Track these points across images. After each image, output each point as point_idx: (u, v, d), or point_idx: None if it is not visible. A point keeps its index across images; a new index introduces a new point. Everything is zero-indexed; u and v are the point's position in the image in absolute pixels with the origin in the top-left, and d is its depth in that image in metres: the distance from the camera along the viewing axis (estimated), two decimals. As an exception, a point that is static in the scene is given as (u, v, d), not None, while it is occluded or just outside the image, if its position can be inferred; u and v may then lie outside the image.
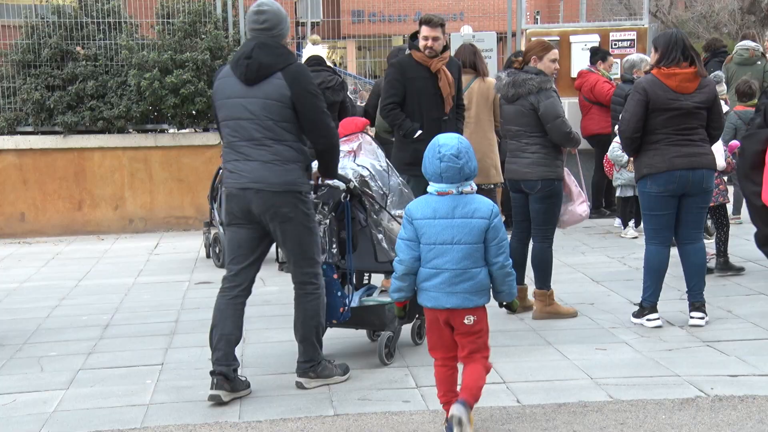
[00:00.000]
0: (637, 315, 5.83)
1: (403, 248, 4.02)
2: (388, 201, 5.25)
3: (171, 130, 10.79)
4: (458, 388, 4.07)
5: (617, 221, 9.65)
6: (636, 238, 8.88)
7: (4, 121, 10.44)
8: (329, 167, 4.77)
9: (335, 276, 5.07)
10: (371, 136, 5.57)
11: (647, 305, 5.75)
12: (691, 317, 5.75)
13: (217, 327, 4.66)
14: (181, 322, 6.30)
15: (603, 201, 10.58)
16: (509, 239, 4.81)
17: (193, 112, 10.41)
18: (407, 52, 6.78)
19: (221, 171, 7.60)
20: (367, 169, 5.23)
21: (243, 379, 4.74)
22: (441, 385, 4.12)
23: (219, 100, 4.68)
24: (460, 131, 6.59)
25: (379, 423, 4.27)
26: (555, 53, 5.99)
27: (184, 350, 5.59)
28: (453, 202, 3.95)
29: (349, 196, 5.06)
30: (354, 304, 5.23)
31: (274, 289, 7.26)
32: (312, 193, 4.81)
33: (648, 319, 5.73)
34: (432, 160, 3.96)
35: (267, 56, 4.53)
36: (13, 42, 10.69)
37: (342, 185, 5.02)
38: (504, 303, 4.10)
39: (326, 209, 5.05)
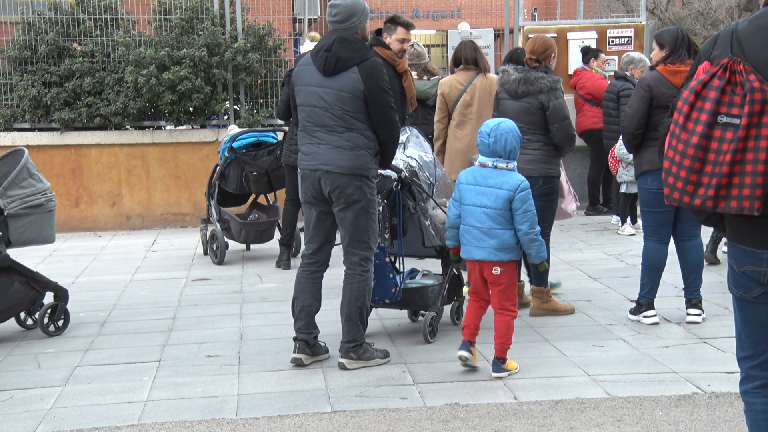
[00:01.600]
0: (634, 312, 5.84)
1: (450, 206, 4.94)
2: (435, 190, 5.53)
3: (168, 127, 10.77)
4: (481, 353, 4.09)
5: (614, 218, 9.67)
6: (633, 235, 8.89)
7: (0, 118, 10.41)
8: (388, 158, 5.07)
9: (387, 259, 5.43)
10: (418, 130, 5.83)
11: (644, 302, 5.76)
12: (688, 314, 5.76)
13: (298, 299, 5.10)
14: (179, 319, 6.30)
15: (600, 198, 10.59)
16: None
17: (191, 108, 10.39)
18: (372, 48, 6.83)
19: (283, 153, 7.66)
20: (416, 160, 5.49)
21: (322, 344, 5.17)
22: (468, 315, 4.91)
23: (297, 86, 5.04)
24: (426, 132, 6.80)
25: (377, 420, 4.27)
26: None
27: (181, 347, 5.58)
28: (488, 173, 4.79)
29: (400, 185, 5.38)
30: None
31: (271, 286, 7.26)
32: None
33: (645, 316, 5.73)
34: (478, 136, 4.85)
35: (345, 51, 4.85)
36: (10, 38, 10.66)
37: (394, 175, 5.33)
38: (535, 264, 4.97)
39: (379, 197, 5.36)
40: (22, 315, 6.03)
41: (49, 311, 5.92)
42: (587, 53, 10.45)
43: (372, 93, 4.83)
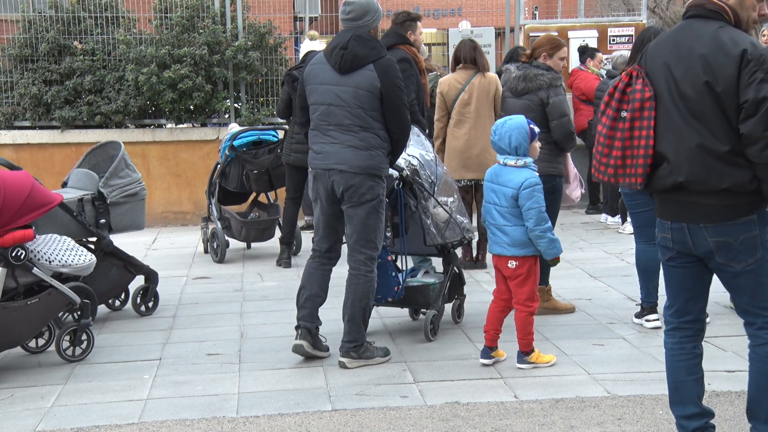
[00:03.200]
0: (638, 316, 5.82)
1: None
2: (436, 188, 5.51)
3: (169, 125, 10.76)
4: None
5: (607, 218, 9.71)
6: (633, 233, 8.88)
7: (1, 116, 10.40)
8: (396, 156, 5.09)
9: (389, 258, 5.42)
10: (420, 128, 5.77)
11: (646, 306, 5.74)
12: (689, 313, 5.75)
13: (305, 288, 5.10)
14: (179, 318, 6.30)
15: (600, 196, 10.60)
16: None
17: (191, 107, 10.39)
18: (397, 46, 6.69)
19: (284, 152, 7.69)
20: (417, 158, 5.49)
21: (323, 339, 5.16)
22: (488, 319, 5.00)
23: (310, 85, 4.99)
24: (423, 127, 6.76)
25: (377, 418, 4.27)
26: (564, 51, 6.08)
27: (181, 345, 5.59)
28: (499, 171, 4.91)
29: (401, 183, 5.37)
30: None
31: (272, 284, 7.26)
32: None
33: (647, 320, 5.71)
34: None
35: (362, 48, 4.85)
36: (11, 36, 10.66)
37: (395, 173, 5.32)
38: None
39: None
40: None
41: (141, 293, 6.33)
42: (584, 53, 10.48)
43: (388, 90, 4.82)
